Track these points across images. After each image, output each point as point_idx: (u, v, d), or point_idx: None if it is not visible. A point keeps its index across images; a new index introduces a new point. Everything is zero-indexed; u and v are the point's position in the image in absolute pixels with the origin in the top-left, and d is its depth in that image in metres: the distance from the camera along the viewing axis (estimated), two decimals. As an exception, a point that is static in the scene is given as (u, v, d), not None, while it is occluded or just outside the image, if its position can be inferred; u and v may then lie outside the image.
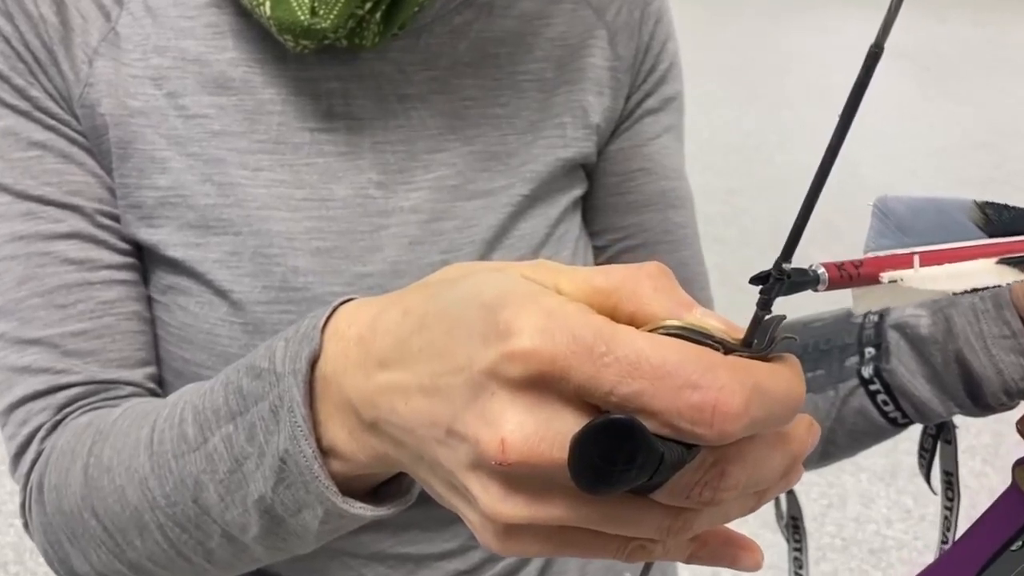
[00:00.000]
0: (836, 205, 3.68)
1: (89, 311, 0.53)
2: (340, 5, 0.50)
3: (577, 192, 0.61)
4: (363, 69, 0.54)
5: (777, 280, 0.26)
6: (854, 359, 0.53)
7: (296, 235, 0.53)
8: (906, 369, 0.51)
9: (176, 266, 0.54)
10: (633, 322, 0.28)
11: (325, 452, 0.37)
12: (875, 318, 0.53)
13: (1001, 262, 0.33)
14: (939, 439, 0.54)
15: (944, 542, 0.53)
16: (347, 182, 0.54)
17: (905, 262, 0.31)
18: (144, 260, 0.56)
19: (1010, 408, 0.49)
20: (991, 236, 0.34)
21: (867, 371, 0.52)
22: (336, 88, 0.54)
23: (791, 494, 0.62)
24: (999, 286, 0.32)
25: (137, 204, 0.54)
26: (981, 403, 0.50)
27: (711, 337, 0.27)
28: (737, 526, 0.31)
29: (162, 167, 0.53)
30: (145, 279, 0.56)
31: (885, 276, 0.30)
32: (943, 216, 0.33)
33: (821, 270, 0.28)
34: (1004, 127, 4.88)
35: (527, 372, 0.26)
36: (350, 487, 0.38)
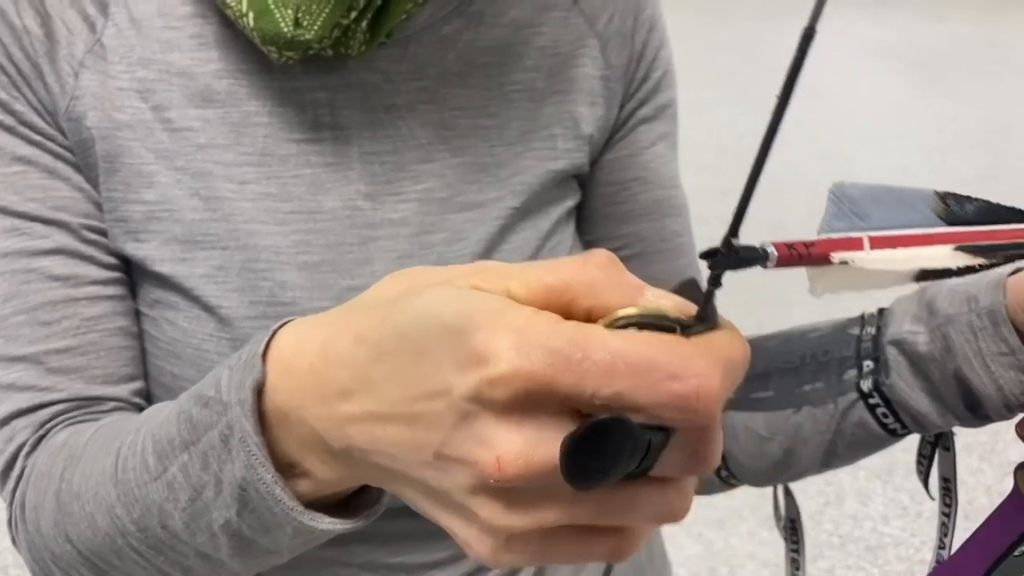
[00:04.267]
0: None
1: (74, 328, 0.52)
2: (324, 16, 0.49)
3: (570, 203, 0.60)
4: (350, 79, 0.54)
5: (725, 256, 0.27)
6: (852, 372, 0.53)
7: (283, 249, 0.53)
8: (906, 384, 0.51)
9: (163, 281, 0.53)
10: (591, 316, 0.28)
11: (298, 475, 0.37)
12: (872, 331, 0.53)
13: (958, 249, 0.33)
14: (938, 446, 0.54)
15: (942, 547, 0.54)
16: (335, 194, 0.54)
17: (857, 245, 0.31)
18: (132, 274, 0.55)
19: (1010, 419, 0.49)
20: (951, 226, 0.34)
21: (866, 385, 0.52)
22: (322, 98, 0.54)
23: (789, 496, 0.62)
24: (951, 269, 0.32)
25: (123, 218, 0.53)
26: (980, 415, 0.50)
27: (668, 319, 0.28)
28: (735, 525, 0.32)
29: (149, 181, 0.53)
30: (133, 293, 0.55)
31: (836, 257, 0.30)
32: (902, 204, 0.33)
33: (770, 248, 0.28)
34: (1001, 126, 4.89)
35: (511, 393, 0.27)
36: (320, 500, 0.38)
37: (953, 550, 0.52)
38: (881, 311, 0.54)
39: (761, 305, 3.00)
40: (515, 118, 0.57)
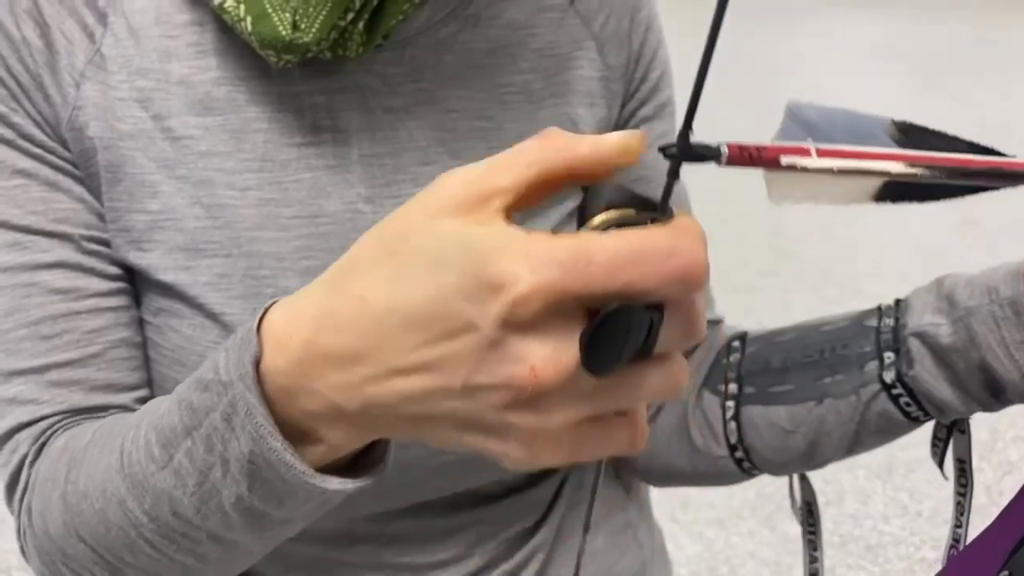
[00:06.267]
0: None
1: (75, 341, 0.52)
2: (322, 18, 0.49)
3: (570, 204, 0.60)
4: (347, 82, 0.54)
5: (681, 151, 0.31)
6: (873, 364, 0.54)
7: (286, 255, 0.53)
8: (929, 375, 0.52)
9: (167, 289, 0.53)
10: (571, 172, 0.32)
11: (310, 443, 0.37)
12: (891, 323, 0.54)
13: (911, 166, 0.34)
14: (953, 429, 0.55)
15: (958, 526, 0.54)
16: (336, 197, 0.54)
17: (806, 154, 0.33)
18: (135, 283, 0.55)
19: None
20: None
21: (889, 376, 0.53)
22: (320, 102, 0.54)
23: (805, 480, 0.63)
24: (896, 179, 0.34)
25: (127, 228, 0.53)
26: (1003, 400, 0.51)
27: (637, 216, 0.32)
28: (736, 524, 0.32)
29: (152, 191, 0.53)
30: (137, 302, 0.55)
31: (785, 160, 0.32)
32: (858, 128, 0.35)
33: (724, 147, 0.31)
34: (1000, 126, 4.89)
35: (535, 309, 0.29)
36: (331, 465, 0.39)
37: (966, 535, 0.52)
38: (897, 302, 0.55)
39: (760, 305, 3.01)
40: (512, 120, 0.57)
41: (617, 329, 0.30)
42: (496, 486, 0.62)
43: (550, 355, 0.30)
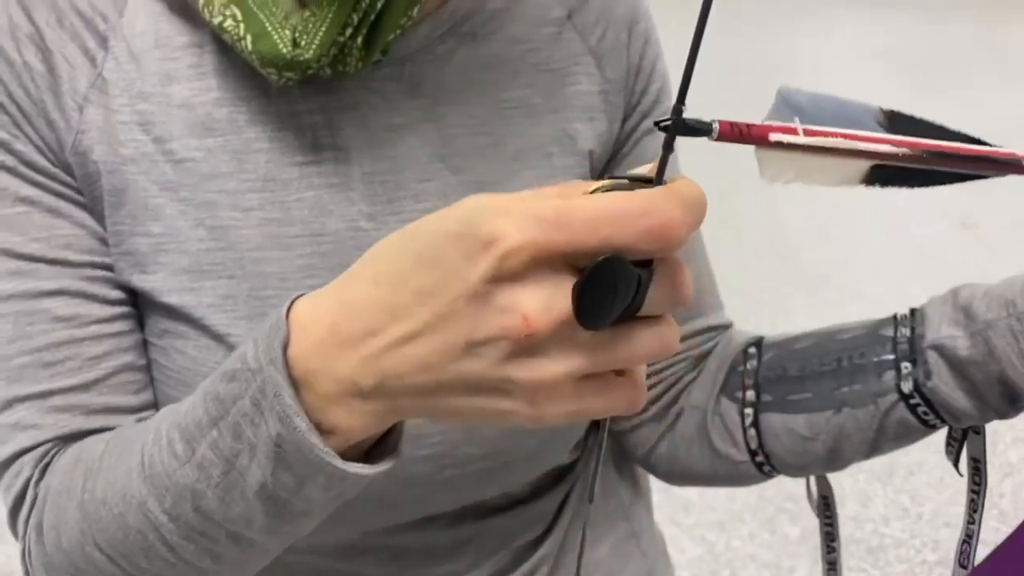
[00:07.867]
0: (827, 203, 3.69)
1: (77, 368, 0.52)
2: (321, 34, 0.49)
3: None
4: (347, 100, 0.54)
5: (677, 124, 0.32)
6: (891, 373, 0.55)
7: (289, 275, 0.53)
8: (947, 387, 0.53)
9: (171, 311, 0.53)
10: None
11: (325, 432, 0.38)
12: (907, 332, 0.54)
13: (898, 149, 0.35)
14: (968, 430, 0.56)
15: (971, 522, 0.55)
16: (338, 215, 0.54)
17: (793, 133, 0.34)
18: (139, 305, 0.55)
19: None
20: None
21: (907, 387, 0.54)
22: (321, 120, 0.54)
23: (822, 476, 0.64)
24: (879, 155, 0.35)
25: (130, 251, 0.53)
26: (1019, 407, 0.52)
27: (629, 184, 0.34)
28: (737, 527, 0.32)
29: (156, 214, 0.53)
30: (141, 323, 0.56)
31: (773, 137, 0.34)
32: (846, 113, 0.36)
33: (715, 123, 0.33)
34: (998, 127, 4.89)
35: (522, 262, 0.32)
36: (345, 456, 0.40)
37: (978, 531, 0.53)
38: (913, 312, 0.55)
39: (760, 308, 3.01)
40: (512, 135, 0.57)
41: (607, 280, 0.32)
42: (502, 498, 0.62)
43: (541, 304, 0.32)
